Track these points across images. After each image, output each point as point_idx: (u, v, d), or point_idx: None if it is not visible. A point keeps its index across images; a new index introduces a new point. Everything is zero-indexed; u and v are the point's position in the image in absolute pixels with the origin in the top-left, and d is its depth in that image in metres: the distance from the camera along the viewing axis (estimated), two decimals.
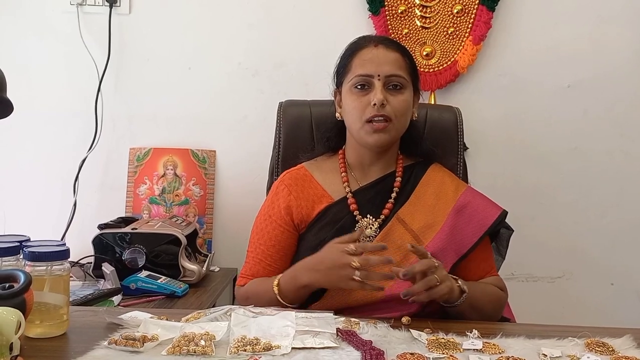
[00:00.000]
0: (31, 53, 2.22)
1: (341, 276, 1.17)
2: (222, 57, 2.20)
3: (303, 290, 1.25)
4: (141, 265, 1.81)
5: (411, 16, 2.12)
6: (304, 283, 1.23)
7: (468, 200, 1.39)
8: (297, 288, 1.24)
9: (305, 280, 1.23)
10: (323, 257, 1.22)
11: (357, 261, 1.15)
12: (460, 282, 1.24)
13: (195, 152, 2.22)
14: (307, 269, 1.23)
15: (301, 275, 1.24)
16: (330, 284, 1.22)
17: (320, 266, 1.21)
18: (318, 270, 1.21)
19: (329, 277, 1.20)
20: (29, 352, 0.95)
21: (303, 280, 1.23)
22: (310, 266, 1.23)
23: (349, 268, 1.16)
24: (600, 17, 2.12)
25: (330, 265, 1.19)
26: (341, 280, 1.18)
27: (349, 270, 1.16)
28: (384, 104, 1.31)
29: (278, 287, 1.26)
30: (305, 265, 1.25)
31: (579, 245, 2.18)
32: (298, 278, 1.24)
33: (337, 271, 1.18)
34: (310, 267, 1.23)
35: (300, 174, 1.44)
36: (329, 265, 1.19)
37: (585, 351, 1.02)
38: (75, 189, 2.18)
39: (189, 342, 0.98)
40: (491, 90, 2.15)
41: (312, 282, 1.22)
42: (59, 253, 1.07)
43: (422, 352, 0.99)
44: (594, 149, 2.16)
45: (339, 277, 1.18)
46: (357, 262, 1.15)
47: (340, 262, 1.17)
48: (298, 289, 1.24)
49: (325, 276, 1.20)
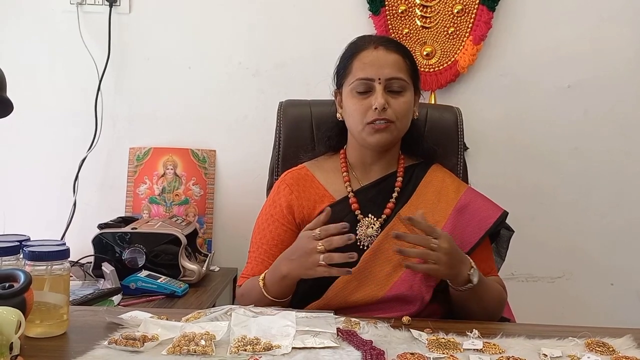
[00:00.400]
0: (31, 52, 2.22)
1: (309, 262, 1.18)
2: (223, 57, 2.20)
3: (284, 282, 1.25)
4: (141, 265, 1.81)
5: (411, 16, 2.12)
6: (282, 273, 1.24)
7: (469, 201, 1.39)
8: (278, 280, 1.25)
9: (283, 270, 1.24)
10: (296, 245, 1.23)
11: (322, 244, 1.17)
12: (472, 271, 1.23)
13: (195, 151, 2.22)
14: (285, 259, 1.25)
15: (280, 266, 1.25)
16: (302, 272, 1.21)
17: (294, 255, 1.22)
18: (293, 260, 1.22)
19: (300, 264, 1.20)
20: (29, 352, 0.95)
21: (282, 270, 1.24)
22: (287, 256, 1.25)
23: (314, 253, 1.17)
24: (601, 17, 2.12)
25: (301, 252, 1.20)
26: (310, 266, 1.18)
27: (315, 256, 1.17)
28: (385, 108, 1.31)
29: (263, 281, 1.27)
30: (283, 256, 1.26)
31: (579, 246, 2.18)
32: (277, 269, 1.25)
33: (306, 257, 1.19)
34: (287, 257, 1.24)
35: (302, 173, 1.44)
36: (300, 253, 1.20)
37: (585, 351, 1.02)
38: (75, 188, 2.18)
39: (189, 341, 0.98)
40: (491, 90, 2.15)
41: (289, 271, 1.23)
42: (59, 253, 1.07)
43: (422, 352, 0.99)
44: (594, 149, 2.16)
45: (308, 263, 1.18)
46: (322, 246, 1.17)
47: (307, 247, 1.19)
48: (279, 281, 1.25)
49: (297, 264, 1.21)
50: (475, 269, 1.24)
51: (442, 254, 1.19)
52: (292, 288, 1.27)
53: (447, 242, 1.21)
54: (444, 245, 1.20)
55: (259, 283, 1.27)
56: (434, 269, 1.21)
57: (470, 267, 1.24)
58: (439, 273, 1.23)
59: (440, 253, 1.19)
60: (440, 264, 1.20)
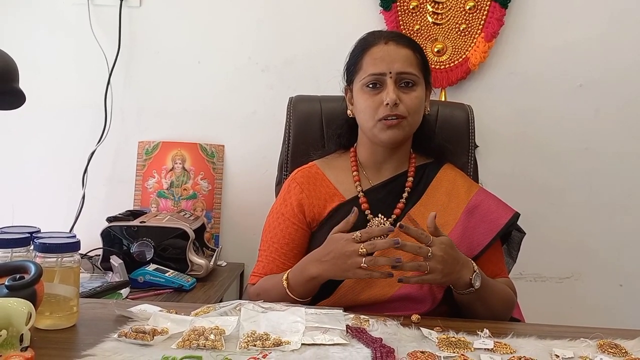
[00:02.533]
0: (42, 46, 2.22)
1: (348, 265, 1.17)
2: (232, 52, 2.19)
3: (311, 283, 1.24)
4: (149, 258, 1.81)
5: (423, 12, 2.11)
6: (312, 275, 1.22)
7: (480, 201, 1.37)
8: (305, 281, 1.23)
9: (313, 272, 1.22)
10: (329, 247, 1.21)
11: (364, 247, 1.15)
12: (473, 275, 1.21)
13: (204, 146, 2.21)
14: (314, 261, 1.23)
15: (309, 268, 1.23)
16: (338, 274, 1.20)
17: (327, 257, 1.20)
18: (325, 262, 1.20)
19: (336, 266, 1.19)
20: (39, 344, 0.95)
21: (311, 272, 1.22)
22: (317, 257, 1.23)
23: (355, 256, 1.16)
24: (612, 17, 2.10)
25: (338, 254, 1.18)
26: (349, 269, 1.17)
27: (356, 259, 1.16)
28: (397, 104, 1.30)
29: (287, 281, 1.26)
30: (313, 257, 1.24)
31: (588, 246, 2.17)
32: (306, 270, 1.23)
33: (344, 260, 1.17)
34: (317, 259, 1.22)
35: (312, 172, 1.44)
36: (336, 255, 1.18)
37: (597, 352, 1.01)
38: (84, 181, 2.19)
39: (199, 336, 0.98)
40: (502, 88, 2.14)
41: (320, 273, 1.21)
42: (69, 245, 1.06)
43: (432, 350, 0.98)
44: (605, 150, 2.15)
45: (346, 265, 1.17)
46: (364, 249, 1.15)
47: (346, 250, 1.17)
48: (306, 282, 1.23)
49: (333, 266, 1.19)
50: (477, 273, 1.22)
51: (436, 262, 1.17)
52: (317, 288, 1.26)
53: (441, 249, 1.17)
54: (438, 254, 1.17)
55: (283, 283, 1.26)
56: (428, 279, 1.18)
57: (473, 271, 1.22)
58: (435, 282, 1.21)
59: (434, 262, 1.17)
60: (435, 272, 1.17)
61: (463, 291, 1.23)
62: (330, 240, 1.22)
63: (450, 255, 1.19)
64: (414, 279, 1.19)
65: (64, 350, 0.95)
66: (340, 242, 1.19)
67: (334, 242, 1.20)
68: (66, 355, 0.92)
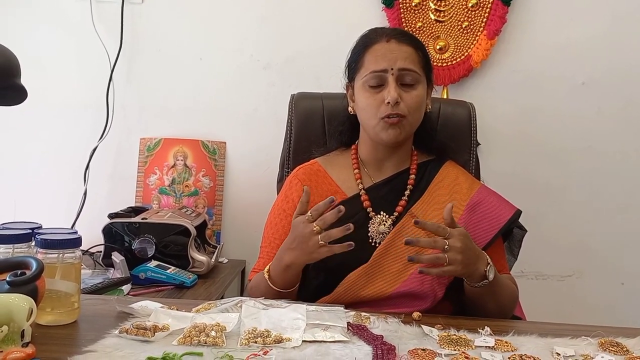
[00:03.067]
0: (44, 42, 2.22)
1: (310, 246, 1.17)
2: (234, 49, 2.19)
3: (288, 272, 1.24)
4: (150, 255, 1.81)
5: (425, 9, 2.10)
6: (286, 263, 1.23)
7: (482, 198, 1.37)
8: (282, 270, 1.24)
9: (286, 260, 1.22)
10: (293, 233, 1.21)
11: (317, 224, 1.16)
12: (488, 267, 1.21)
13: (206, 143, 2.21)
14: (286, 249, 1.23)
15: (283, 257, 1.24)
16: (306, 257, 1.20)
17: (294, 243, 1.21)
18: (293, 248, 1.21)
19: (302, 251, 1.19)
20: (40, 340, 0.95)
21: (285, 260, 1.23)
22: (287, 245, 1.23)
23: (312, 235, 1.17)
24: (615, 15, 2.10)
25: (300, 239, 1.19)
26: (312, 250, 1.18)
27: (314, 238, 1.17)
28: (398, 102, 1.30)
29: (268, 273, 1.27)
30: (284, 246, 1.25)
31: (589, 244, 2.17)
32: (281, 260, 1.24)
33: (306, 242, 1.18)
34: (287, 247, 1.23)
35: (314, 169, 1.44)
36: (299, 240, 1.19)
37: (599, 351, 1.01)
38: (86, 178, 2.19)
39: (200, 332, 0.98)
40: (505, 86, 2.13)
41: (292, 260, 1.22)
42: (71, 241, 1.07)
43: (433, 348, 0.98)
44: (607, 148, 2.14)
45: (309, 247, 1.18)
46: (317, 226, 1.16)
47: (305, 232, 1.18)
48: (283, 271, 1.24)
49: (300, 251, 1.20)
50: (491, 265, 1.22)
51: (456, 253, 1.16)
52: (298, 277, 1.26)
53: (460, 240, 1.17)
54: (456, 245, 1.17)
55: (265, 275, 1.27)
56: (449, 270, 1.18)
57: (487, 263, 1.22)
58: (456, 273, 1.20)
59: (454, 252, 1.16)
60: (455, 263, 1.17)
61: (476, 284, 1.22)
62: (292, 225, 1.23)
63: (468, 246, 1.19)
64: (434, 270, 1.18)
65: (65, 346, 0.95)
66: (299, 225, 1.20)
67: (295, 227, 1.21)
68: (67, 351, 0.92)
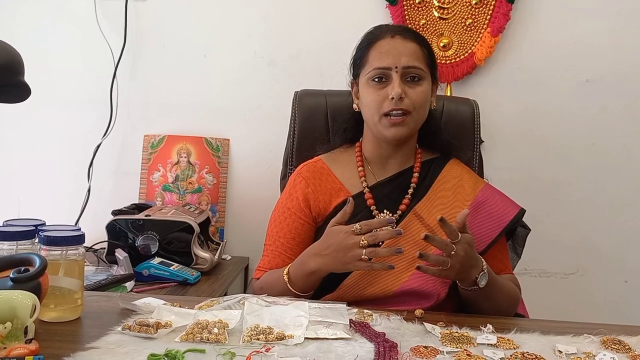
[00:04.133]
0: (48, 38, 2.23)
1: (349, 257, 1.17)
2: (238, 46, 2.19)
3: (312, 277, 1.24)
4: (154, 252, 1.81)
5: (429, 7, 2.10)
6: (312, 269, 1.22)
7: (486, 197, 1.37)
8: (305, 275, 1.23)
9: (313, 266, 1.22)
10: (329, 240, 1.20)
11: (365, 239, 1.15)
12: (480, 274, 1.21)
13: (209, 140, 2.22)
14: (314, 254, 1.22)
15: (308, 262, 1.23)
16: (338, 267, 1.20)
17: (327, 250, 1.20)
18: (325, 255, 1.20)
19: (336, 259, 1.18)
20: (44, 336, 0.96)
21: (311, 266, 1.22)
22: (316, 251, 1.22)
23: (356, 248, 1.16)
24: (621, 12, 2.08)
25: (338, 247, 1.18)
26: (349, 261, 1.17)
27: (356, 250, 1.16)
28: (402, 98, 1.30)
29: (288, 275, 1.26)
30: (312, 251, 1.24)
31: (593, 242, 2.16)
32: (305, 265, 1.23)
33: (345, 252, 1.17)
34: (316, 252, 1.22)
35: (318, 166, 1.44)
36: (336, 248, 1.18)
37: (601, 349, 1.01)
38: (90, 174, 2.19)
39: (203, 329, 0.98)
40: (508, 83, 2.13)
41: (319, 267, 1.21)
42: (74, 238, 1.07)
43: (435, 345, 0.98)
44: (611, 145, 2.13)
45: (347, 258, 1.17)
46: (365, 240, 1.15)
47: (347, 242, 1.17)
48: (307, 276, 1.23)
49: (333, 259, 1.19)
50: (485, 273, 1.21)
51: (457, 261, 1.17)
52: (318, 282, 1.26)
53: (464, 249, 1.17)
54: (460, 253, 1.17)
55: (284, 277, 1.26)
56: (444, 274, 1.19)
57: (481, 269, 1.21)
58: (448, 277, 1.22)
59: (455, 260, 1.17)
60: (451, 270, 1.18)
61: (468, 287, 1.23)
62: (329, 233, 1.22)
63: (470, 255, 1.19)
64: (431, 269, 1.18)
65: (68, 343, 0.96)
66: (339, 234, 1.19)
67: (334, 235, 1.20)
68: (70, 348, 0.92)
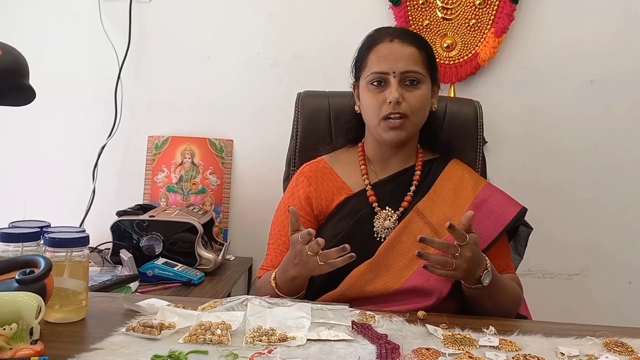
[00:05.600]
0: (53, 39, 2.24)
1: (310, 264, 1.18)
2: (241, 47, 2.20)
3: (295, 282, 1.25)
4: (158, 252, 1.82)
5: (432, 7, 2.10)
6: (292, 275, 1.24)
7: (487, 196, 1.38)
8: (288, 280, 1.25)
9: (292, 272, 1.23)
10: (292, 251, 1.22)
11: (309, 249, 1.17)
12: (484, 273, 1.20)
13: (213, 141, 2.22)
14: (289, 262, 1.24)
15: (288, 269, 1.24)
16: (309, 272, 1.22)
17: (295, 260, 1.21)
18: (296, 264, 1.21)
19: (304, 267, 1.20)
20: (49, 337, 0.96)
21: (291, 273, 1.24)
22: (290, 259, 1.24)
23: (311, 257, 1.17)
24: (626, 12, 2.08)
25: (299, 258, 1.20)
26: (313, 268, 1.19)
27: (311, 259, 1.17)
28: (399, 102, 1.31)
29: (275, 280, 1.28)
30: (287, 260, 1.25)
31: (597, 243, 2.16)
32: (286, 271, 1.25)
33: (306, 261, 1.18)
34: (289, 261, 1.24)
35: (320, 166, 1.45)
36: (299, 258, 1.20)
37: (603, 351, 1.01)
38: (95, 175, 2.20)
39: (206, 331, 0.99)
40: (512, 83, 2.12)
41: (297, 273, 1.23)
42: (79, 239, 1.08)
43: (437, 347, 0.99)
44: (615, 146, 2.13)
45: (310, 266, 1.18)
46: (310, 251, 1.17)
47: (301, 254, 1.18)
48: (289, 281, 1.25)
49: (302, 267, 1.20)
50: (488, 271, 1.21)
51: (464, 261, 1.17)
52: (305, 285, 1.27)
53: (471, 250, 1.17)
54: (467, 254, 1.16)
55: (272, 283, 1.27)
56: (451, 274, 1.19)
57: (485, 268, 1.21)
58: (454, 277, 1.22)
59: (462, 260, 1.17)
60: (459, 270, 1.18)
61: (472, 286, 1.23)
62: (291, 243, 1.23)
63: (476, 254, 1.19)
64: (438, 270, 1.18)
65: (73, 344, 0.96)
66: (296, 245, 1.20)
67: (293, 245, 1.22)
68: (75, 349, 0.93)
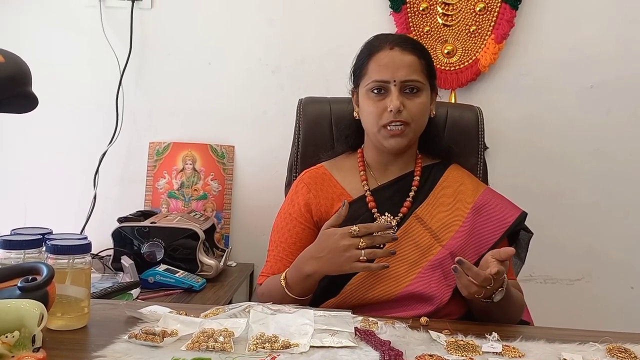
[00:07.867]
0: (54, 47, 2.24)
1: (345, 258, 1.18)
2: (242, 53, 2.20)
3: (308, 281, 1.24)
4: (159, 259, 1.82)
5: (433, 14, 2.11)
6: (307, 272, 1.23)
7: (487, 200, 1.39)
8: (301, 279, 1.24)
9: (308, 269, 1.23)
10: (323, 243, 1.22)
11: (364, 241, 1.17)
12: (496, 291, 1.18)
13: (214, 147, 2.23)
14: (309, 258, 1.23)
15: (304, 265, 1.24)
16: (333, 268, 1.21)
17: (322, 252, 1.21)
18: (320, 257, 1.21)
19: (331, 262, 1.19)
20: (51, 344, 0.96)
21: (306, 269, 1.23)
22: (311, 254, 1.23)
23: (353, 249, 1.17)
24: (626, 18, 2.09)
25: (333, 249, 1.19)
26: (345, 262, 1.18)
27: (354, 252, 1.17)
28: (400, 110, 1.31)
29: (285, 280, 1.27)
30: (307, 254, 1.25)
31: (598, 248, 2.16)
32: (301, 268, 1.24)
33: (341, 254, 1.18)
34: (311, 256, 1.23)
35: (320, 172, 1.45)
36: (331, 250, 1.19)
37: (606, 357, 1.01)
38: (96, 182, 2.20)
39: (208, 338, 0.98)
40: (513, 89, 2.13)
41: (315, 269, 1.22)
42: (81, 247, 1.08)
43: (441, 353, 0.98)
44: (616, 151, 2.13)
45: (343, 259, 1.18)
46: (364, 242, 1.17)
47: (342, 244, 1.18)
48: (303, 280, 1.24)
49: (328, 261, 1.20)
50: (502, 289, 1.18)
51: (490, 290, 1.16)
52: (315, 286, 1.27)
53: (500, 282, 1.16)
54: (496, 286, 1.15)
55: (281, 282, 1.27)
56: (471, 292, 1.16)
57: (500, 286, 1.18)
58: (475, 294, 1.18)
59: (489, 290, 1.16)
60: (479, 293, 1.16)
61: (482, 300, 1.21)
62: (324, 235, 1.23)
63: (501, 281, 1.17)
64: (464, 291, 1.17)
65: (75, 351, 0.96)
66: (334, 236, 1.20)
67: (328, 237, 1.21)
68: (77, 356, 0.93)
